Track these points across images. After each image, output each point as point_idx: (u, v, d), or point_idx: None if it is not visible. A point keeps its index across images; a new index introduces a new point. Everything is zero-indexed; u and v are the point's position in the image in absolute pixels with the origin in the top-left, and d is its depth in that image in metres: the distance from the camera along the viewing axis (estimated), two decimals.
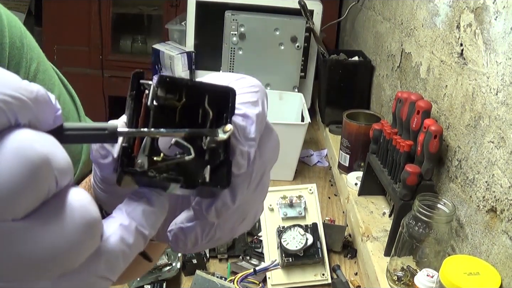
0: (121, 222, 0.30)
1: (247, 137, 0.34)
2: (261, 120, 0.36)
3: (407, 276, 1.04)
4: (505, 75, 0.89)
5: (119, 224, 0.30)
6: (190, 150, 0.33)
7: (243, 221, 0.38)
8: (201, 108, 0.35)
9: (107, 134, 0.30)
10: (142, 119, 0.33)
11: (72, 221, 0.26)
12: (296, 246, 1.13)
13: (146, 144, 0.32)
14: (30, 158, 0.24)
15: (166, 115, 0.34)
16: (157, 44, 2.17)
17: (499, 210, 0.89)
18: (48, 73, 0.57)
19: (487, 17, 0.96)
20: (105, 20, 2.93)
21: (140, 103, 0.33)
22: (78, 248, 0.26)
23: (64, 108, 0.58)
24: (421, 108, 1.13)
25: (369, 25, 1.98)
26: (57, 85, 0.58)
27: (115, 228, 0.30)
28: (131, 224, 0.30)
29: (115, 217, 0.30)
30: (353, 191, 1.42)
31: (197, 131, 0.34)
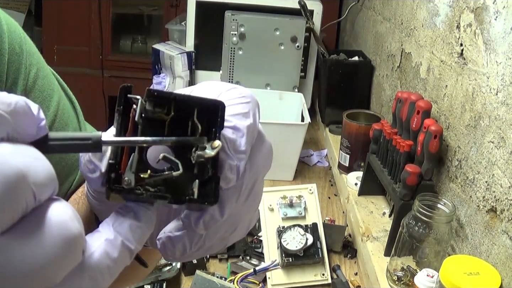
0: (106, 237, 0.30)
1: (237, 150, 0.34)
2: (252, 132, 0.35)
3: (407, 276, 1.04)
4: (505, 75, 0.89)
5: (104, 239, 0.30)
6: (178, 165, 0.33)
7: (234, 231, 0.38)
8: (190, 121, 0.34)
9: (91, 144, 0.30)
10: (130, 134, 0.33)
11: (51, 237, 0.26)
12: (296, 246, 1.13)
13: (133, 161, 0.32)
14: (4, 173, 0.24)
15: (154, 129, 0.34)
16: (157, 44, 2.17)
17: (499, 210, 0.89)
18: (48, 79, 0.57)
19: (487, 17, 0.96)
20: (105, 20, 2.93)
21: (128, 117, 0.33)
22: (57, 264, 0.26)
23: (64, 114, 0.58)
24: (421, 108, 1.13)
25: (369, 25, 1.98)
26: (56, 91, 0.58)
27: (100, 242, 0.30)
28: (117, 238, 0.30)
29: (101, 232, 0.30)
30: (353, 191, 1.42)
31: (184, 139, 0.33)
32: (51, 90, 0.57)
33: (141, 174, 0.32)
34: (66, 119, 0.58)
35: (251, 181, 0.36)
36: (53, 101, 0.56)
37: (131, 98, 0.33)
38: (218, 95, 0.35)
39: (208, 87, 0.37)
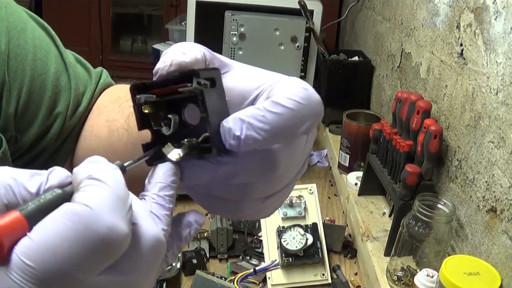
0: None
1: (258, 120, 0.34)
2: (278, 126, 0.34)
3: (407, 276, 1.04)
4: (505, 75, 0.89)
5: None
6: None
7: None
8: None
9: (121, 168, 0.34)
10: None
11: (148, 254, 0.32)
12: (296, 246, 1.13)
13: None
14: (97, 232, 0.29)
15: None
16: (157, 44, 2.18)
17: (499, 210, 0.89)
18: (17, 13, 0.57)
19: (487, 17, 0.96)
20: (105, 20, 2.93)
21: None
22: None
23: (42, 43, 0.58)
24: (421, 108, 1.13)
25: (369, 25, 1.98)
26: (27, 22, 0.58)
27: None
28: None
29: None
30: (353, 191, 1.42)
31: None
32: (23, 23, 0.56)
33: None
34: (46, 47, 0.58)
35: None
36: (28, 33, 0.56)
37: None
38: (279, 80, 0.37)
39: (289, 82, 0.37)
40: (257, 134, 0.34)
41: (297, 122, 0.34)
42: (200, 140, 0.36)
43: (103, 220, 0.28)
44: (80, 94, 0.60)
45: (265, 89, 0.38)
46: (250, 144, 0.34)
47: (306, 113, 0.35)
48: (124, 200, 0.30)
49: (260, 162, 0.36)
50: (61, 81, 0.58)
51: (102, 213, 0.29)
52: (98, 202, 0.29)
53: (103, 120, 0.59)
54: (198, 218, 0.38)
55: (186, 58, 0.37)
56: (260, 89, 0.38)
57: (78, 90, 0.60)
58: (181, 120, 0.37)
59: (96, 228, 0.28)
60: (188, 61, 0.37)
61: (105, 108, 0.61)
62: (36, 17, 0.61)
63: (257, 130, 0.34)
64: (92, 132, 0.60)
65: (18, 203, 0.30)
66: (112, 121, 0.58)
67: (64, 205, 0.29)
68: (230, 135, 0.34)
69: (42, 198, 0.30)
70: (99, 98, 0.63)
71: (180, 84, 0.36)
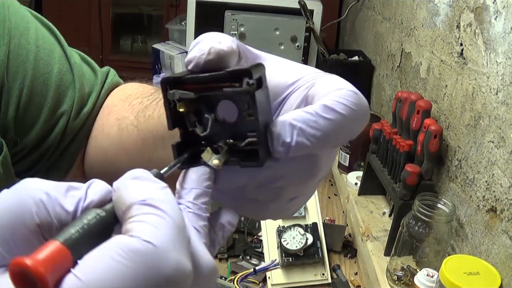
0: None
1: (310, 126, 0.32)
2: (329, 135, 0.32)
3: (407, 276, 1.04)
4: (505, 75, 0.89)
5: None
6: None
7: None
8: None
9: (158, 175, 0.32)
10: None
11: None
12: (296, 246, 1.13)
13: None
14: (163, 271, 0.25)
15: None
16: (157, 44, 2.18)
17: (499, 210, 0.89)
18: (20, 13, 0.56)
19: (487, 17, 0.96)
20: (105, 20, 2.93)
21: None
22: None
23: (45, 42, 0.57)
24: (421, 108, 1.13)
25: (369, 25, 1.98)
26: (31, 22, 0.57)
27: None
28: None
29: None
30: (353, 191, 1.42)
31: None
32: (25, 23, 0.56)
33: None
34: (49, 47, 0.57)
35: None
36: (31, 33, 0.55)
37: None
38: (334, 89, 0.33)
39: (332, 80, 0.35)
40: (307, 141, 0.32)
41: (348, 129, 0.33)
42: (243, 145, 0.33)
43: (168, 259, 0.25)
44: (86, 94, 0.60)
45: (301, 85, 0.36)
46: (300, 151, 0.32)
47: (357, 120, 0.33)
48: (184, 230, 0.27)
49: (302, 167, 0.34)
50: (65, 81, 0.57)
51: (167, 252, 0.25)
52: (162, 237, 0.25)
53: (113, 118, 0.59)
54: (232, 219, 0.35)
55: (224, 47, 0.34)
56: (296, 84, 0.36)
57: (83, 90, 0.59)
58: (214, 117, 0.35)
59: (162, 269, 0.25)
60: (226, 50, 0.34)
61: (115, 107, 0.60)
62: (40, 17, 0.60)
63: (308, 137, 0.32)
64: (103, 132, 0.59)
65: (52, 223, 0.27)
66: (121, 119, 0.58)
67: (119, 239, 0.25)
68: (279, 141, 0.32)
69: (86, 224, 0.26)
70: (109, 97, 0.62)
71: (225, 83, 0.33)
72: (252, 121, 0.33)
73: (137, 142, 0.56)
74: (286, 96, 0.36)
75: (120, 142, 0.57)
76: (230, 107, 0.34)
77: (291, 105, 0.35)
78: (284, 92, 0.36)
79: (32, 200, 0.26)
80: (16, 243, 0.26)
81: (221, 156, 0.34)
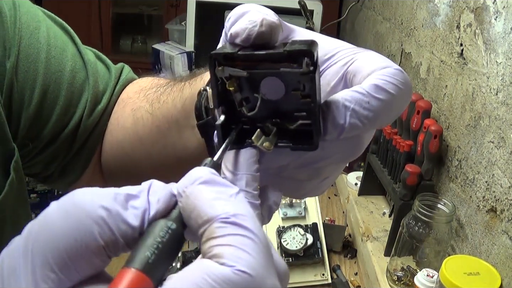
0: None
1: (364, 108, 0.31)
2: (381, 112, 0.31)
3: (407, 276, 1.04)
4: (505, 75, 0.88)
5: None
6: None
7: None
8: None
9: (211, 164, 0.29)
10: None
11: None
12: (296, 246, 1.13)
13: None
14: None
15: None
16: (157, 44, 2.18)
17: (499, 210, 0.89)
18: (31, 13, 0.56)
19: (487, 17, 0.96)
20: (105, 20, 2.93)
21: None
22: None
23: (57, 41, 0.57)
24: (421, 108, 1.13)
25: (369, 25, 1.98)
26: (42, 21, 0.57)
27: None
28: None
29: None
30: (353, 191, 1.42)
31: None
32: (37, 22, 0.56)
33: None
34: (62, 45, 0.57)
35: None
36: (42, 32, 0.55)
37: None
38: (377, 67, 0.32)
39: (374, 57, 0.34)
40: (360, 122, 0.30)
41: (396, 108, 0.32)
42: (294, 127, 0.32)
43: (266, 287, 0.23)
44: (100, 92, 0.60)
45: (337, 60, 0.34)
46: (351, 132, 0.31)
47: (405, 99, 0.32)
48: (269, 249, 0.25)
49: (347, 147, 0.34)
50: (78, 79, 0.57)
51: (263, 279, 0.23)
52: (256, 265, 0.23)
53: (129, 110, 0.59)
54: (277, 199, 0.33)
55: (275, 19, 0.32)
56: (332, 59, 0.34)
57: (97, 88, 0.59)
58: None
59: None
60: (277, 22, 0.32)
61: (130, 99, 0.60)
62: (53, 16, 0.60)
63: (361, 118, 0.30)
64: (118, 124, 0.59)
65: (118, 242, 0.24)
66: (137, 109, 0.57)
67: (208, 267, 0.23)
68: (333, 123, 0.31)
69: (159, 242, 0.24)
70: (123, 92, 0.62)
71: (282, 62, 0.30)
72: (305, 102, 0.31)
73: (151, 130, 0.55)
74: (321, 71, 0.35)
75: (135, 132, 0.57)
76: (276, 85, 0.32)
77: (328, 82, 0.34)
78: (322, 65, 0.35)
79: (92, 220, 0.24)
80: (77, 267, 0.24)
81: (271, 138, 0.32)
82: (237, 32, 0.31)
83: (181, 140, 0.53)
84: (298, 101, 0.31)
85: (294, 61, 0.30)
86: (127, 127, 0.58)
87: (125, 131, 0.58)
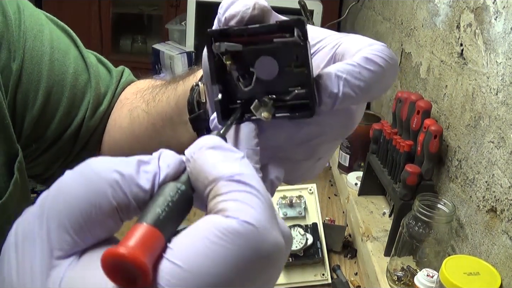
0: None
1: (356, 78, 0.32)
2: (370, 86, 0.32)
3: (407, 276, 1.04)
4: (505, 75, 0.88)
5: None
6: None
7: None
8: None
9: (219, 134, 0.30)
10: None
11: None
12: (296, 246, 1.13)
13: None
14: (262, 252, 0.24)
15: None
16: (157, 44, 2.18)
17: (499, 210, 0.89)
18: (34, 16, 0.57)
19: (487, 17, 0.96)
20: (105, 20, 2.93)
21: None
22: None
23: (60, 44, 0.58)
24: (421, 108, 1.13)
25: (369, 25, 1.98)
26: (45, 24, 0.58)
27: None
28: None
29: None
30: (353, 191, 1.42)
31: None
32: (40, 25, 0.57)
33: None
34: (64, 48, 0.59)
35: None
36: (45, 35, 0.56)
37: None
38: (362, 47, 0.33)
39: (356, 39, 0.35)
40: (353, 92, 0.32)
41: (386, 80, 0.33)
42: (289, 98, 0.33)
43: (268, 239, 0.24)
44: (101, 94, 0.61)
45: (326, 45, 0.36)
46: (345, 103, 0.32)
47: (393, 72, 0.34)
48: (273, 206, 0.26)
49: (340, 122, 0.35)
50: (80, 81, 0.59)
51: (266, 231, 0.24)
52: (260, 217, 0.24)
53: (126, 110, 0.60)
54: (279, 174, 0.34)
55: (266, 3, 0.34)
56: (320, 44, 0.36)
57: (99, 90, 0.61)
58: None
59: (263, 249, 0.24)
60: (268, 7, 0.34)
61: (127, 100, 0.61)
62: (55, 20, 0.61)
63: (354, 88, 0.32)
64: (115, 125, 0.61)
65: (130, 204, 0.25)
66: (133, 109, 0.59)
67: (214, 220, 0.24)
68: (326, 92, 0.32)
69: (170, 201, 0.25)
70: (122, 93, 0.64)
71: (274, 34, 0.32)
72: (298, 73, 0.32)
73: (147, 128, 0.57)
74: (311, 55, 0.35)
75: (132, 131, 0.59)
76: (269, 64, 0.33)
77: (318, 65, 0.35)
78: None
79: (106, 182, 0.25)
80: (90, 228, 0.25)
81: (269, 108, 0.33)
82: (231, 14, 0.33)
83: (176, 136, 0.54)
84: (292, 77, 0.33)
85: (286, 32, 0.32)
86: (124, 127, 0.59)
87: (122, 131, 0.60)
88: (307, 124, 0.34)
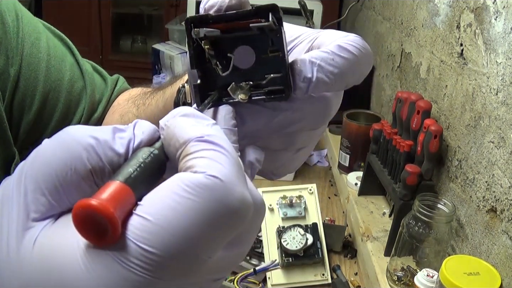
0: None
1: (329, 64, 0.33)
2: (342, 73, 0.33)
3: (407, 276, 1.04)
4: (505, 75, 0.88)
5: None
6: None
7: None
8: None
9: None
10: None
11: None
12: (296, 246, 1.13)
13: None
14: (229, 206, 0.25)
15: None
16: (157, 44, 2.17)
17: (499, 210, 0.89)
18: (32, 23, 0.58)
19: (487, 17, 0.96)
20: (105, 20, 2.93)
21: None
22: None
23: (57, 51, 0.59)
24: (421, 108, 1.13)
25: (369, 25, 1.98)
26: (42, 32, 0.59)
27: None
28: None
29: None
30: (353, 191, 1.42)
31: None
32: (37, 33, 0.58)
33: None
34: (61, 55, 0.60)
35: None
36: (42, 42, 0.58)
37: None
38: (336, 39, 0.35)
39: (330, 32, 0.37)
40: (326, 78, 0.33)
41: (360, 68, 0.34)
42: (265, 82, 0.34)
43: (234, 193, 0.25)
44: (96, 101, 0.63)
45: (303, 39, 0.37)
46: (319, 88, 0.33)
47: (366, 61, 0.35)
48: (241, 166, 0.27)
49: (316, 110, 0.36)
50: (76, 88, 0.60)
51: (233, 186, 0.25)
52: (226, 172, 0.25)
53: (117, 116, 0.62)
54: (259, 156, 0.35)
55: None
56: (298, 39, 0.37)
57: (94, 97, 0.62)
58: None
59: (229, 203, 0.24)
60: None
61: (119, 106, 0.63)
62: (52, 28, 0.63)
63: (327, 74, 0.33)
64: None
65: (104, 168, 0.26)
66: (124, 114, 0.61)
67: (182, 176, 0.25)
68: (300, 77, 0.33)
69: (142, 163, 0.26)
70: (116, 100, 0.66)
71: (251, 19, 0.33)
72: (274, 59, 0.34)
73: None
74: (289, 51, 0.37)
75: None
76: (247, 53, 0.35)
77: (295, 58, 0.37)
78: (289, 45, 0.37)
79: (81, 146, 0.26)
80: (66, 191, 0.25)
81: (246, 90, 0.34)
82: (210, 5, 0.35)
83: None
84: (269, 65, 0.34)
85: (261, 17, 0.33)
86: None
87: None
88: (284, 111, 0.35)
